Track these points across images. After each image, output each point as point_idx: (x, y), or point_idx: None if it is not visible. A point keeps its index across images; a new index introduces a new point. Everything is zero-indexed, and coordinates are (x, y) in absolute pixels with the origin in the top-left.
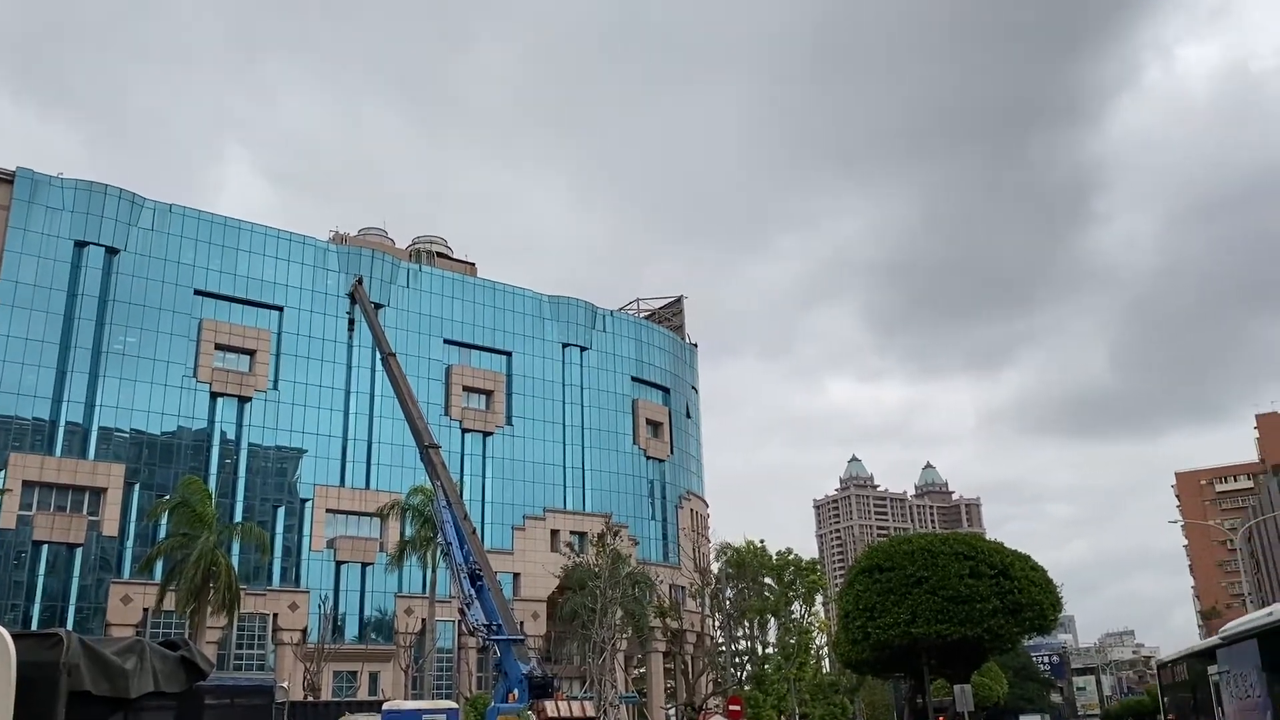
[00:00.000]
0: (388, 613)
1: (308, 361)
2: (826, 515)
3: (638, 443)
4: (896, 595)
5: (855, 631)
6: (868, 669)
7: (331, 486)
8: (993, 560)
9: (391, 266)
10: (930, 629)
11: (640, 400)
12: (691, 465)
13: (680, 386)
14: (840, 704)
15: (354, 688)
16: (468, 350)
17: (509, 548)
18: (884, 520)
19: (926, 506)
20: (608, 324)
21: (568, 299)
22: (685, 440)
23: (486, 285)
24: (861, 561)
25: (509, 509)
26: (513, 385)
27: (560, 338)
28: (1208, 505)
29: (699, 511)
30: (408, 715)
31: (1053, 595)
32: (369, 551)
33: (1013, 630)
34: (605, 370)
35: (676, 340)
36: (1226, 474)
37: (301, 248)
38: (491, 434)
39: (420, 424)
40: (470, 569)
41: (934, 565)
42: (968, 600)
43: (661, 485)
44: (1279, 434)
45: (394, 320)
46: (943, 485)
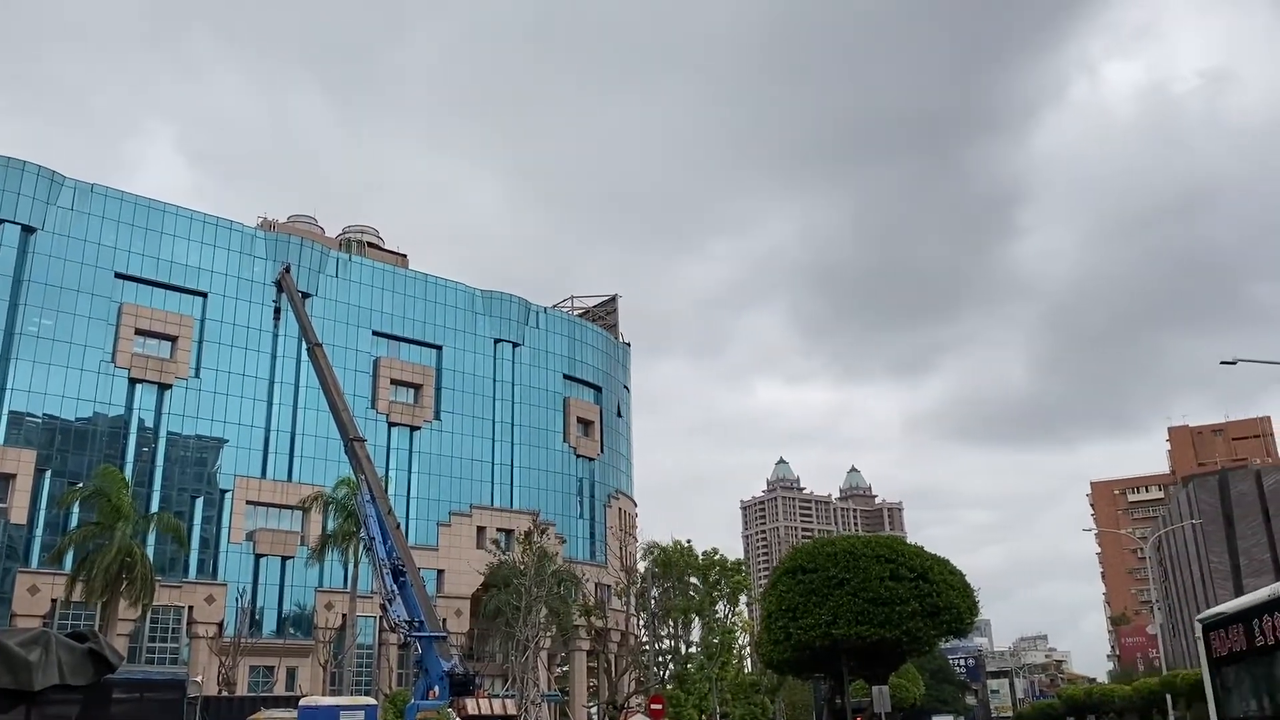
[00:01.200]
0: (307, 607)
1: (231, 349)
2: (753, 516)
3: (568, 441)
4: (819, 596)
5: (777, 632)
6: (789, 669)
7: (253, 478)
8: (913, 564)
9: (321, 255)
10: (851, 630)
11: (572, 398)
12: (621, 464)
13: (612, 385)
14: (761, 704)
15: (271, 683)
16: (397, 343)
17: (434, 544)
18: (809, 522)
19: (851, 509)
20: (541, 321)
21: (501, 294)
22: (616, 439)
23: (418, 277)
24: (785, 563)
25: (435, 505)
26: (442, 380)
27: (492, 333)
28: (1120, 514)
29: (627, 511)
30: (325, 712)
31: (970, 599)
32: (290, 545)
33: (930, 633)
34: (537, 367)
35: (610, 339)
36: (1138, 484)
37: (228, 233)
38: (419, 428)
39: (345, 416)
40: (393, 564)
41: (856, 567)
42: (888, 602)
43: (591, 484)
44: (1189, 446)
45: (322, 310)
46: (866, 489)
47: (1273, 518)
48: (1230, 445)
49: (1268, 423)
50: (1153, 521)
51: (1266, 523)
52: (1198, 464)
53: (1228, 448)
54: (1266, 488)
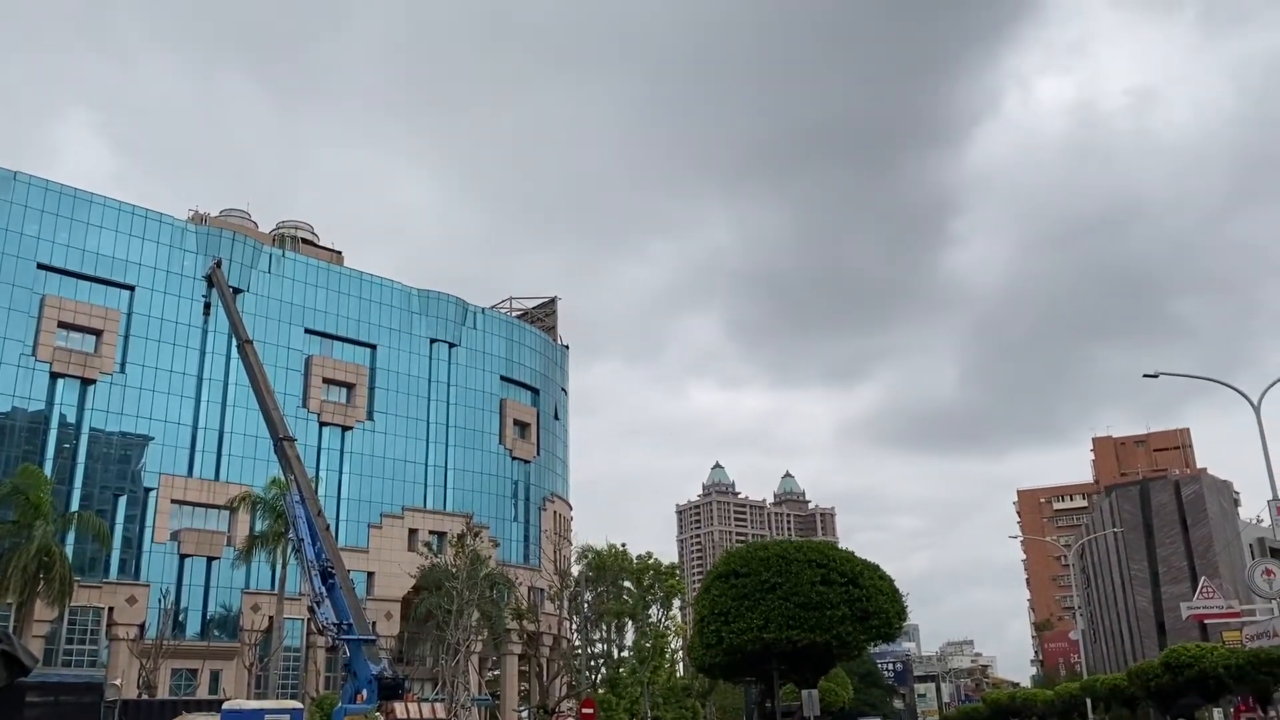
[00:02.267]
0: (233, 609)
1: (159, 345)
2: (688, 520)
3: (504, 443)
4: (751, 600)
5: (710, 636)
6: (720, 673)
7: (179, 476)
8: (844, 569)
9: (253, 250)
10: (782, 634)
11: (508, 400)
12: (557, 467)
13: (550, 388)
14: (692, 707)
15: (193, 686)
16: (330, 341)
17: (364, 546)
18: (743, 527)
19: (785, 514)
20: (478, 321)
21: (438, 294)
22: (552, 442)
23: (353, 275)
24: (719, 567)
25: (366, 506)
26: (376, 379)
27: (428, 333)
28: (1045, 522)
29: (562, 514)
30: (249, 715)
31: (898, 604)
32: (216, 545)
33: (860, 637)
34: (474, 368)
35: (548, 341)
36: (1063, 493)
37: (157, 226)
38: (351, 428)
39: (275, 415)
40: (322, 566)
41: (788, 572)
42: (818, 607)
43: (526, 487)
44: (1112, 457)
45: (253, 306)
46: (800, 494)
47: (1191, 527)
48: (1151, 456)
49: (1187, 435)
50: (1077, 529)
51: (1184, 532)
52: (1120, 474)
53: (1149, 458)
54: (1185, 498)
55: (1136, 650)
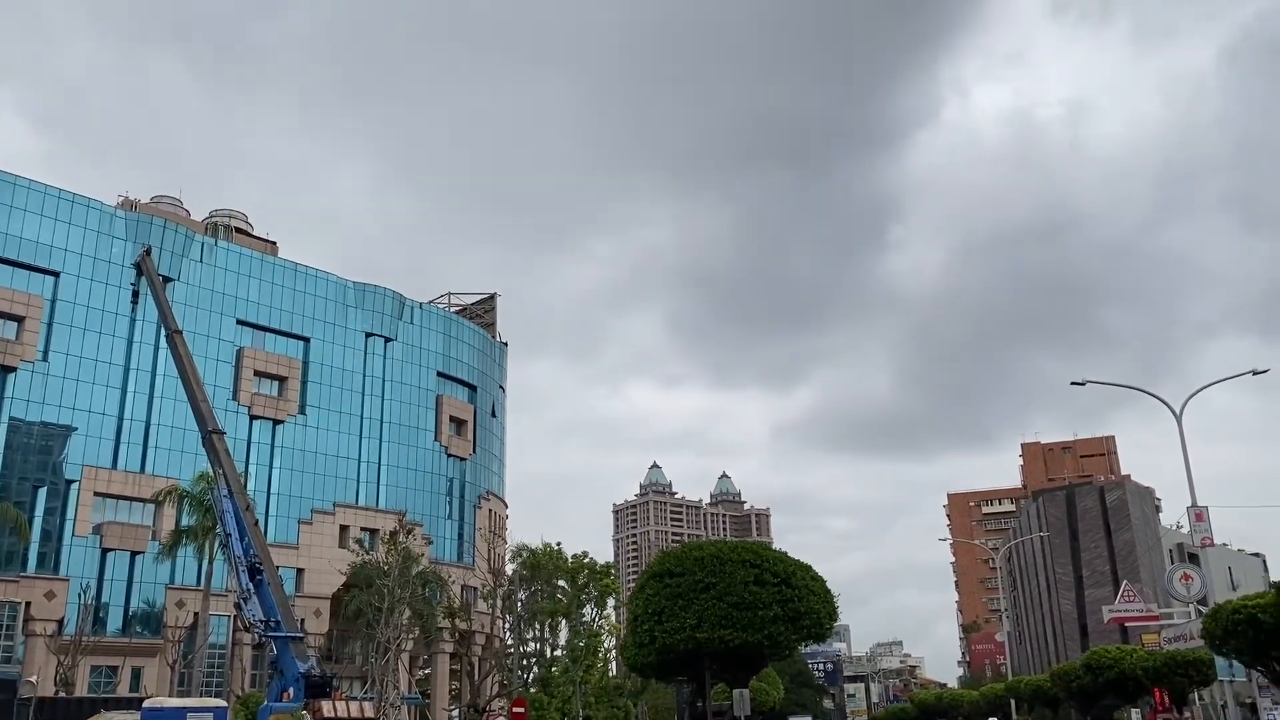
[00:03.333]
0: (157, 605)
1: (84, 333)
2: (625, 520)
3: (439, 440)
4: (684, 600)
5: (643, 635)
6: (652, 672)
7: (102, 468)
8: (777, 569)
9: (185, 239)
10: (714, 634)
11: (445, 396)
12: (493, 465)
13: (488, 385)
14: (624, 707)
15: (114, 684)
16: (262, 333)
17: (294, 542)
18: (679, 527)
19: (720, 515)
20: (415, 316)
21: (374, 287)
22: (489, 440)
23: (288, 266)
24: (653, 566)
25: (297, 502)
26: (309, 373)
27: (364, 326)
28: (975, 525)
29: (498, 512)
30: (170, 713)
31: (830, 605)
32: (140, 539)
33: (791, 637)
34: (410, 363)
35: (486, 337)
36: (992, 497)
37: (84, 211)
38: (283, 422)
39: (204, 407)
40: (250, 562)
41: (722, 572)
42: (751, 607)
43: (461, 484)
44: (1040, 462)
45: (184, 296)
46: (736, 495)
47: (1114, 532)
48: (1078, 462)
49: (1112, 442)
50: (1004, 533)
51: (1108, 536)
52: (1048, 479)
53: (1075, 464)
54: (1109, 503)
55: (1060, 652)
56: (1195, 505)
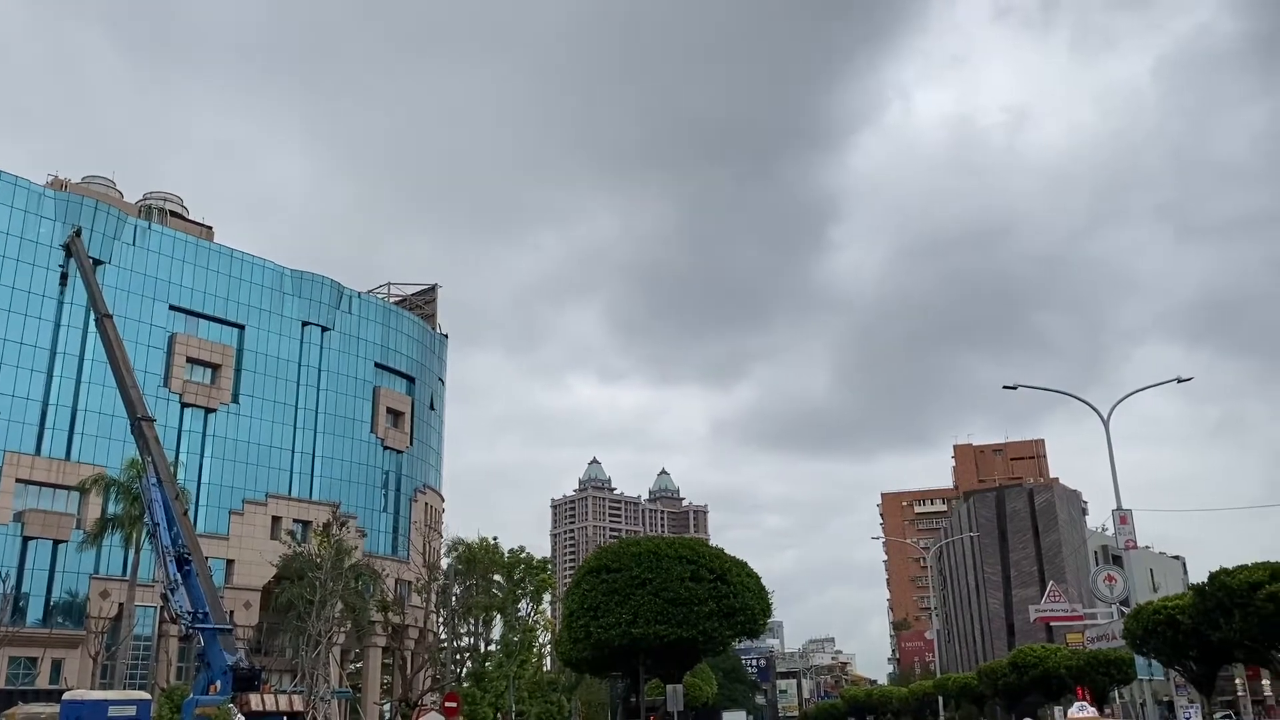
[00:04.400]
0: (80, 595)
1: (9, 315)
2: (563, 515)
3: (376, 432)
4: (620, 596)
5: (578, 630)
6: (587, 667)
7: (25, 454)
8: (713, 565)
9: (117, 221)
10: (650, 630)
11: (383, 388)
12: (431, 458)
13: (426, 377)
14: (557, 702)
15: (33, 676)
16: (196, 319)
17: (225, 533)
18: (618, 523)
19: (659, 511)
20: (354, 305)
21: (312, 275)
22: (426, 432)
23: (223, 252)
24: (590, 562)
25: (228, 492)
26: (243, 361)
27: (301, 315)
28: (907, 525)
29: (434, 506)
30: (91, 706)
31: (764, 601)
32: (64, 528)
33: (726, 633)
34: (347, 354)
35: (426, 329)
36: (925, 497)
37: (11, 189)
38: (215, 411)
39: (134, 393)
40: (178, 552)
41: (658, 568)
42: (687, 603)
43: (397, 477)
44: (972, 463)
45: (115, 279)
46: (675, 492)
47: (1041, 533)
48: (1008, 464)
49: (1042, 445)
50: (936, 533)
51: (1035, 538)
52: (979, 480)
53: (1006, 466)
54: (1037, 505)
55: (987, 650)
56: (1120, 509)
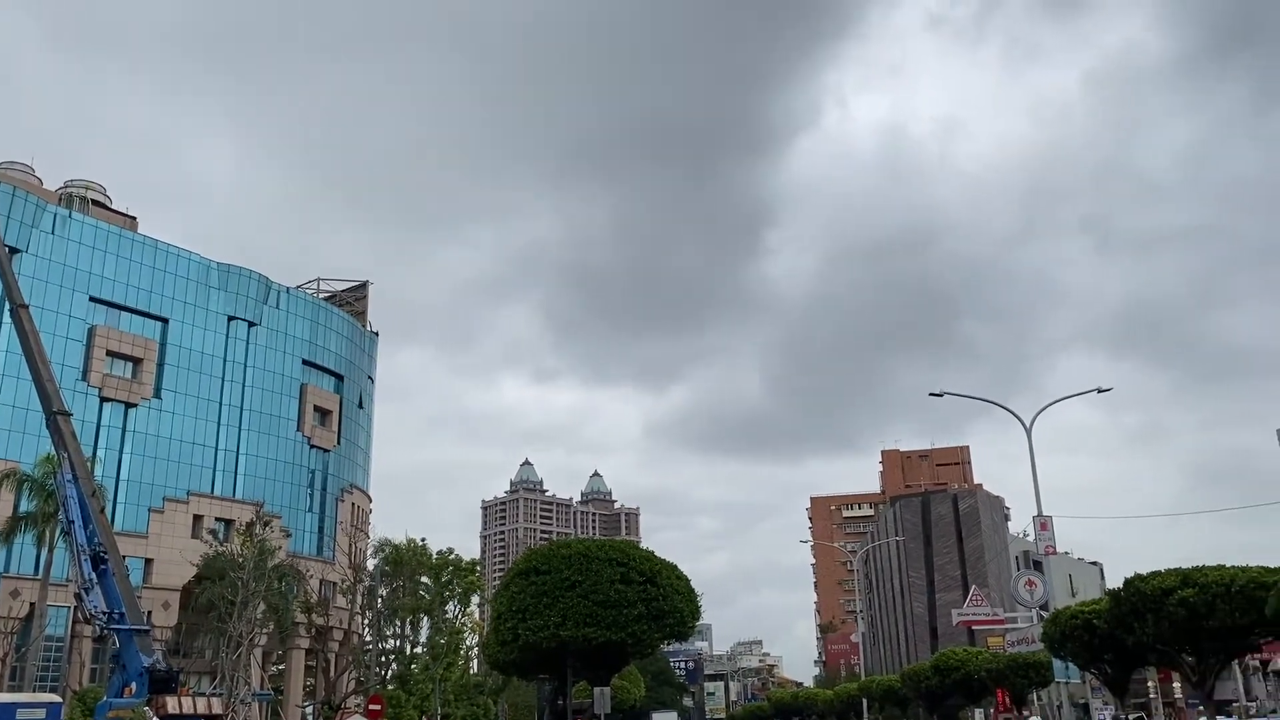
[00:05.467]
0: None
1: None
2: (493, 516)
3: (302, 430)
4: (549, 598)
5: (506, 633)
6: (514, 670)
7: None
8: (643, 568)
9: (35, 208)
10: (578, 632)
11: (310, 385)
12: (358, 457)
13: (355, 375)
14: (484, 705)
15: None
16: (117, 312)
17: (144, 531)
18: (549, 525)
19: (591, 513)
20: (282, 301)
21: (239, 269)
22: (354, 431)
23: (147, 243)
24: (519, 564)
25: (148, 489)
26: (166, 355)
27: (227, 309)
28: (835, 528)
29: (361, 506)
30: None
31: (693, 604)
32: None
33: (655, 636)
34: (274, 350)
35: (356, 326)
36: (852, 501)
37: None
38: (136, 406)
39: (50, 387)
40: (94, 551)
41: (588, 570)
42: (616, 605)
43: (324, 476)
44: (898, 469)
45: (32, 269)
46: (607, 494)
47: (965, 538)
48: (934, 470)
49: (966, 451)
50: (863, 536)
51: (959, 542)
52: (905, 485)
53: (931, 472)
54: (961, 510)
55: (911, 653)
56: (1040, 515)
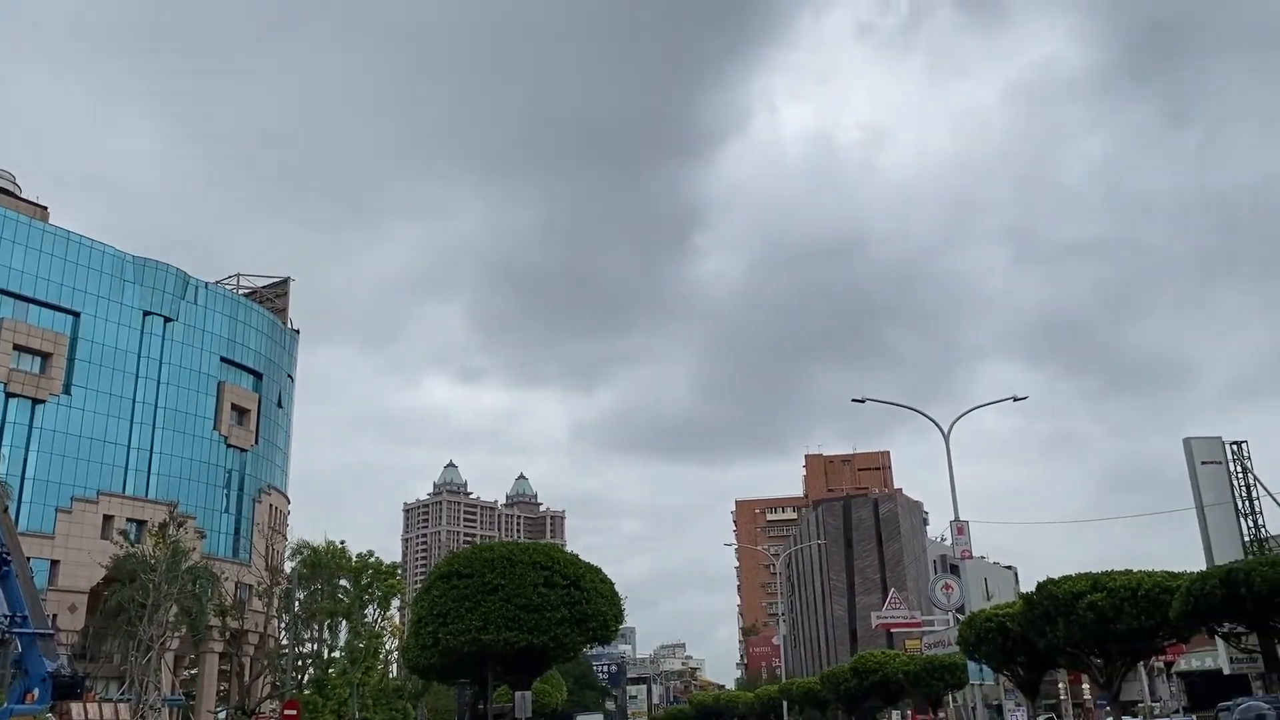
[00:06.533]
0: None
1: None
2: (416, 519)
3: (219, 429)
4: (471, 602)
5: (426, 637)
6: (434, 674)
7: None
8: (567, 571)
9: None
10: (500, 636)
11: (228, 383)
12: (277, 457)
13: (275, 373)
14: (403, 709)
15: None
16: (25, 304)
17: (50, 531)
18: (473, 528)
19: (516, 516)
20: (200, 296)
21: (156, 262)
22: (273, 430)
23: (58, 234)
24: (441, 568)
25: (55, 488)
26: (77, 350)
27: (142, 304)
28: (759, 531)
29: (279, 507)
30: None
31: (617, 607)
32: None
33: (578, 639)
34: (191, 346)
35: (277, 324)
36: (776, 505)
37: None
38: (44, 402)
39: None
40: None
41: (512, 574)
42: (539, 609)
43: (241, 476)
44: (821, 473)
45: None
46: (533, 497)
47: (885, 542)
48: (856, 474)
49: (887, 456)
50: (786, 539)
51: (879, 546)
52: (828, 490)
53: (853, 476)
54: (881, 515)
55: (831, 655)
56: (957, 520)
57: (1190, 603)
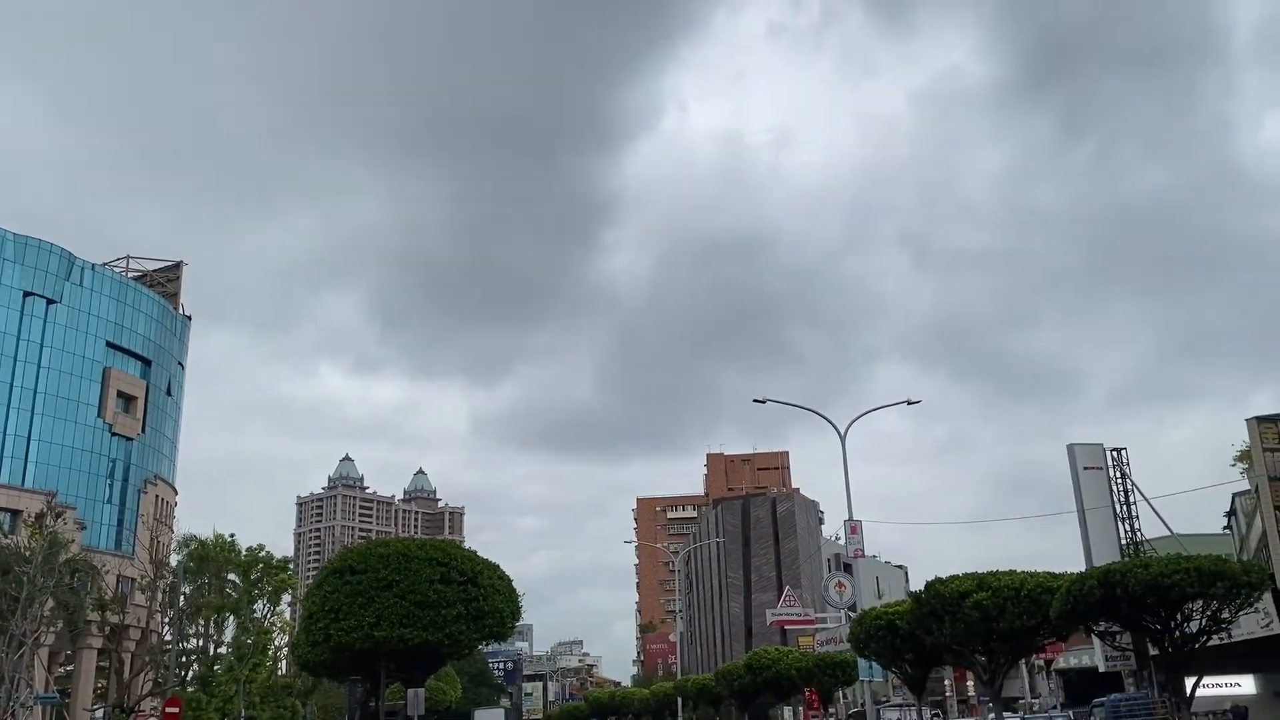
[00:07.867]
0: None
1: None
2: (309, 513)
3: (103, 416)
4: (364, 598)
5: (317, 633)
6: (325, 671)
7: None
8: (463, 568)
9: None
10: (394, 633)
11: (114, 369)
12: (165, 447)
13: (165, 360)
14: (292, 707)
15: None
16: None
17: None
18: (369, 523)
19: (413, 512)
20: (86, 278)
21: (38, 241)
22: (161, 419)
23: None
24: (334, 563)
25: None
26: None
27: (22, 284)
28: (659, 529)
29: (166, 498)
30: None
31: (514, 605)
32: None
33: (474, 637)
34: (75, 330)
35: (168, 309)
36: (677, 503)
37: None
38: None
39: None
40: None
41: (407, 570)
42: (435, 606)
43: (125, 466)
44: (722, 472)
45: None
46: (431, 492)
47: (781, 540)
48: (755, 474)
49: (786, 456)
50: (686, 537)
51: (776, 544)
52: (728, 488)
53: (753, 476)
54: (779, 514)
55: (727, 652)
56: (851, 519)
57: (1070, 602)
